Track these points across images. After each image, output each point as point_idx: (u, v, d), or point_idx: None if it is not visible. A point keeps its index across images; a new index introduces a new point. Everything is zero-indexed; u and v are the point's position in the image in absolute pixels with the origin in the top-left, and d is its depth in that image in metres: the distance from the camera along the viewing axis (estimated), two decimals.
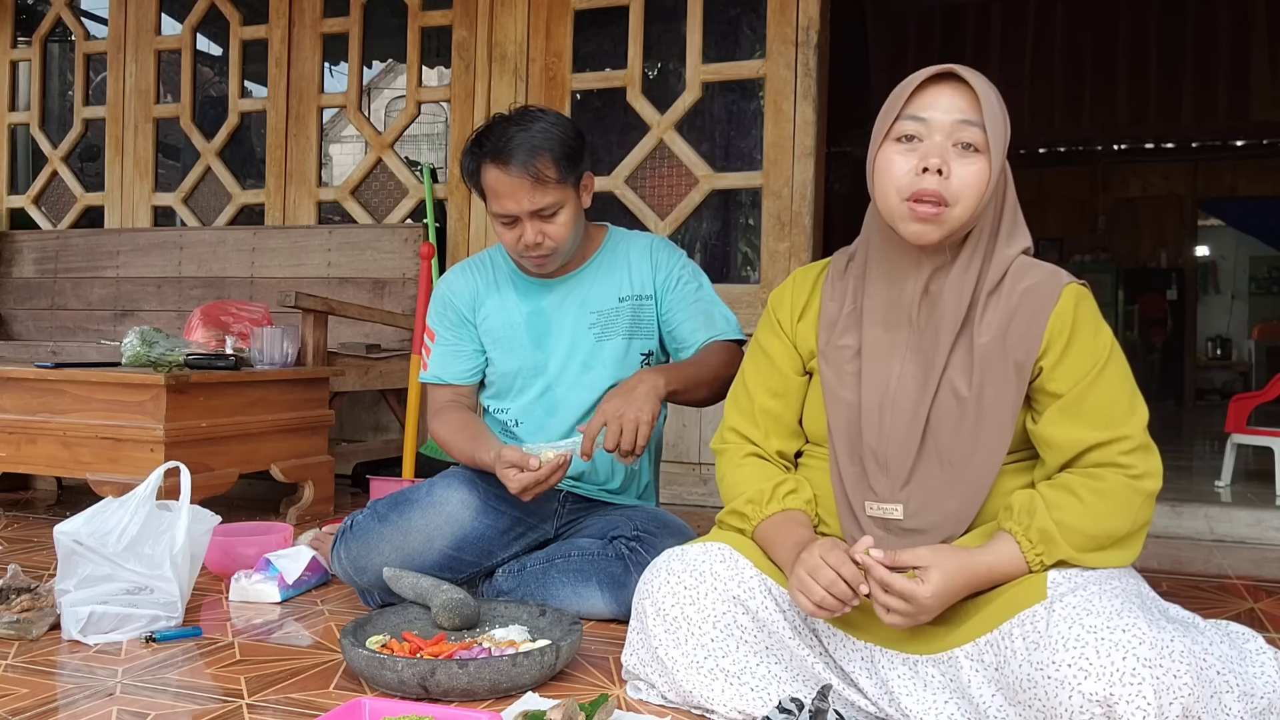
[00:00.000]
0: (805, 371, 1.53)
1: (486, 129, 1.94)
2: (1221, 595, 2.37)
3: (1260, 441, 3.78)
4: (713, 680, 1.41)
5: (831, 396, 1.45)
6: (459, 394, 2.12)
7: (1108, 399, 1.33)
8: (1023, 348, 1.34)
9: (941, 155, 1.31)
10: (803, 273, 1.57)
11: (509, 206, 1.90)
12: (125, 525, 1.84)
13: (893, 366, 1.40)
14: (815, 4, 3.46)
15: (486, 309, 2.09)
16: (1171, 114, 7.70)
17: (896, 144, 1.35)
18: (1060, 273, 1.38)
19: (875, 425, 1.40)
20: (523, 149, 1.87)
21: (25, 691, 1.54)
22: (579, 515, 2.10)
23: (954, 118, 1.31)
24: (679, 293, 2.07)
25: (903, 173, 1.33)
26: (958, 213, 1.32)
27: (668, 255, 2.11)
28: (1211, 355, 10.86)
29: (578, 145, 1.95)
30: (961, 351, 1.37)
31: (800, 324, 1.53)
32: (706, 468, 3.51)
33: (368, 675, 1.54)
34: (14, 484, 3.41)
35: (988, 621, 1.29)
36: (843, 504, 1.44)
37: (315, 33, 4.24)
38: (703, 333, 2.05)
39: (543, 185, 1.88)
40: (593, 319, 2.05)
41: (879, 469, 1.40)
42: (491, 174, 1.90)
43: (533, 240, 1.92)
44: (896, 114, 1.35)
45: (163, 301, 4.25)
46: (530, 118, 1.93)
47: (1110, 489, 1.31)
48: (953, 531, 1.38)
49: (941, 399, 1.37)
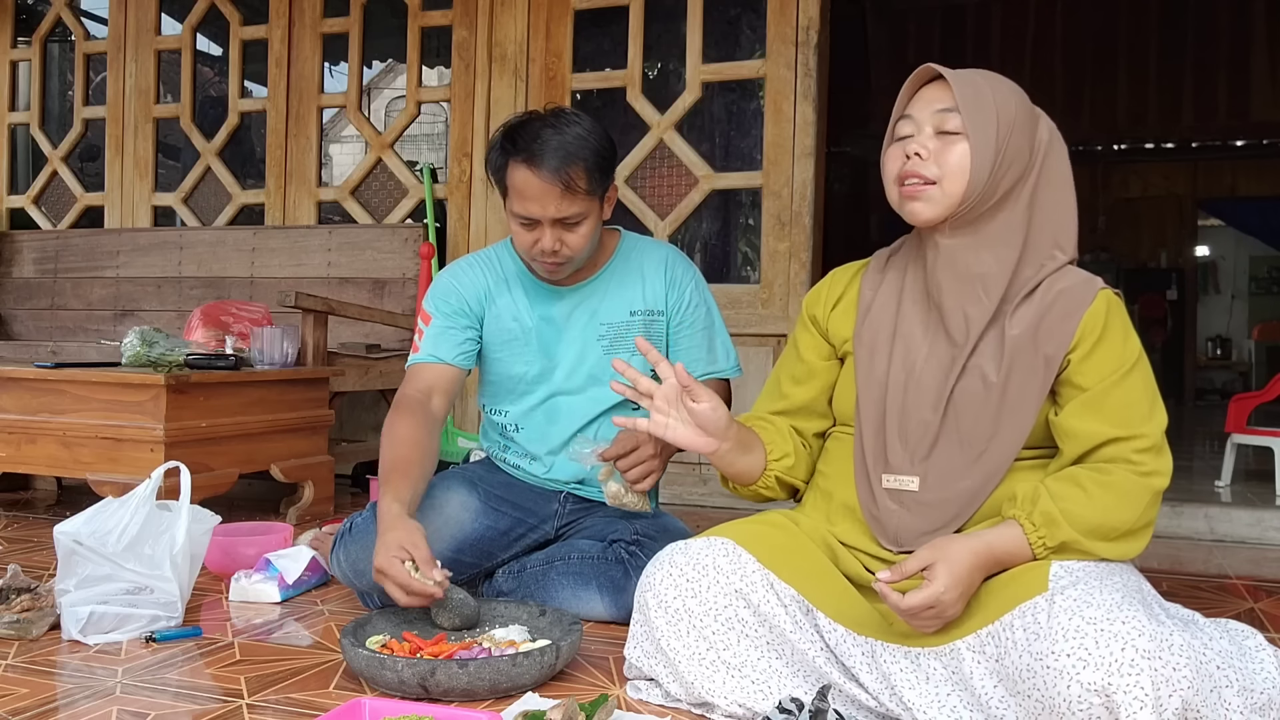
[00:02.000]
0: (838, 358, 1.61)
1: (519, 125, 1.87)
2: (1221, 595, 2.38)
3: (1260, 441, 3.78)
4: (714, 673, 1.42)
5: (864, 374, 1.52)
6: (443, 377, 1.97)
7: (1130, 399, 1.37)
8: (1054, 342, 1.39)
9: (921, 142, 1.41)
10: (841, 271, 1.67)
11: (533, 210, 1.84)
12: (125, 525, 1.84)
13: (921, 348, 1.47)
14: (815, 4, 3.46)
15: (498, 307, 2.04)
16: (1171, 114, 7.71)
17: (895, 144, 1.46)
18: (1095, 279, 1.44)
19: (899, 400, 1.46)
20: (557, 154, 1.81)
21: (25, 691, 1.54)
22: (579, 516, 2.10)
23: (933, 108, 1.41)
24: (688, 316, 2.06)
25: (895, 165, 1.45)
26: (947, 188, 1.40)
27: (683, 272, 2.07)
28: (1211, 355, 10.86)
29: (611, 156, 1.91)
30: (993, 340, 1.42)
31: (835, 311, 1.61)
32: (706, 468, 3.51)
33: (368, 675, 1.54)
34: (14, 484, 3.40)
35: (989, 613, 1.30)
36: (861, 475, 1.50)
37: (315, 33, 4.24)
38: (702, 366, 2.05)
39: (572, 195, 1.83)
40: (602, 330, 2.03)
41: (899, 442, 1.45)
42: (521, 174, 1.84)
43: (550, 247, 1.87)
44: (896, 118, 1.45)
45: (163, 301, 4.25)
46: (566, 120, 1.86)
47: (1117, 482, 1.33)
48: (963, 509, 1.42)
49: (968, 381, 1.42)
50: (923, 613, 1.29)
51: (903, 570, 1.32)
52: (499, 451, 2.15)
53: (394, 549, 1.62)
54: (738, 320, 3.50)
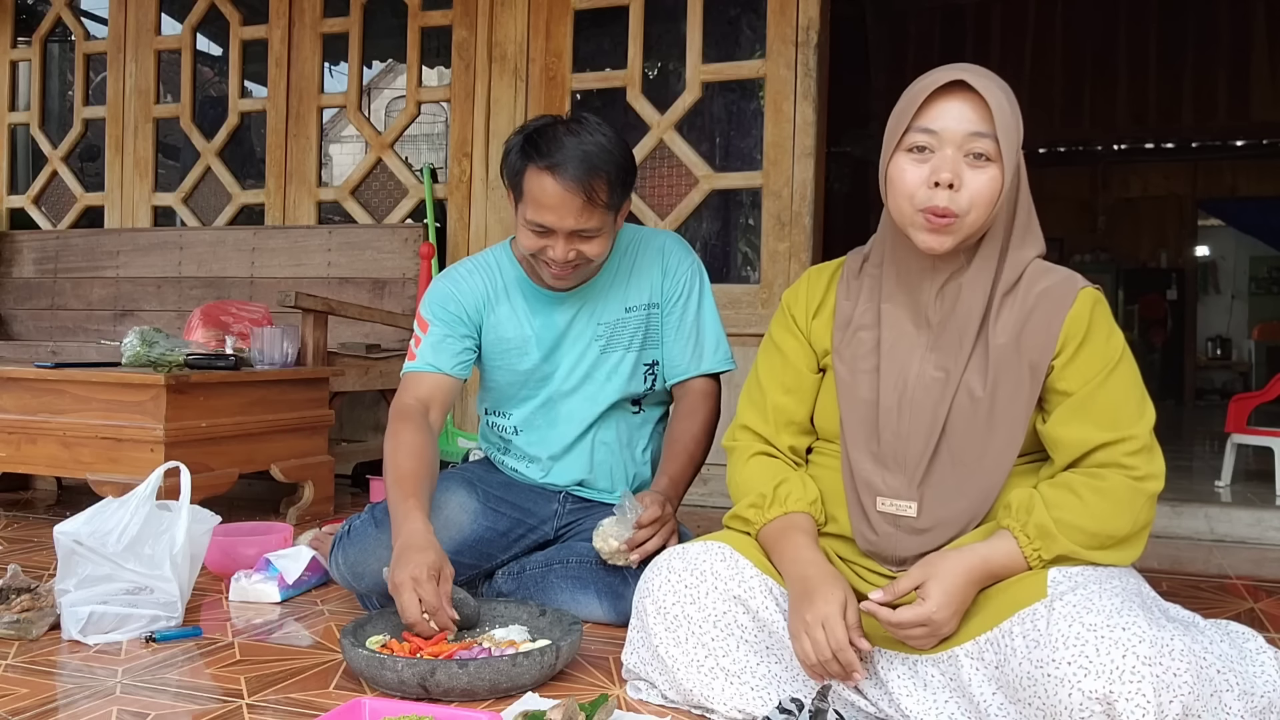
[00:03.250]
0: (819, 369, 1.54)
1: (540, 130, 1.81)
2: (1221, 595, 2.37)
3: (1260, 441, 3.78)
4: (713, 679, 1.42)
5: (846, 394, 1.46)
6: (440, 388, 1.95)
7: (1116, 400, 1.34)
8: (1038, 349, 1.35)
9: (953, 169, 1.31)
10: (816, 271, 1.58)
11: (549, 219, 1.79)
12: (125, 525, 1.83)
13: (911, 366, 1.42)
14: (815, 4, 3.46)
15: (497, 315, 2.01)
16: (1171, 114, 7.70)
17: (908, 154, 1.35)
18: (1076, 277, 1.40)
19: (893, 424, 1.41)
20: (581, 165, 1.76)
21: (25, 691, 1.54)
22: (579, 517, 2.10)
23: (965, 129, 1.31)
24: (679, 309, 2.03)
25: (915, 184, 1.34)
26: (970, 220, 1.33)
27: (678, 261, 2.04)
28: (1211, 355, 10.87)
29: (632, 169, 1.87)
30: (978, 353, 1.38)
31: (815, 321, 1.54)
32: (706, 468, 3.50)
33: (368, 675, 1.54)
34: (14, 484, 3.40)
35: (988, 620, 1.29)
36: (853, 500, 1.45)
37: (315, 33, 4.23)
38: (691, 365, 2.03)
39: (592, 207, 1.78)
40: (599, 330, 2.01)
41: (894, 467, 1.41)
42: (540, 181, 1.78)
43: (563, 258, 1.83)
44: (907, 125, 1.35)
45: (163, 301, 4.25)
46: (589, 129, 1.80)
47: (1111, 488, 1.31)
48: (961, 529, 1.39)
49: (958, 399, 1.39)
50: (914, 629, 1.28)
51: (895, 590, 1.31)
52: (498, 454, 2.15)
53: (426, 568, 1.60)
54: (738, 320, 3.50)
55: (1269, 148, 8.80)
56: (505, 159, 1.87)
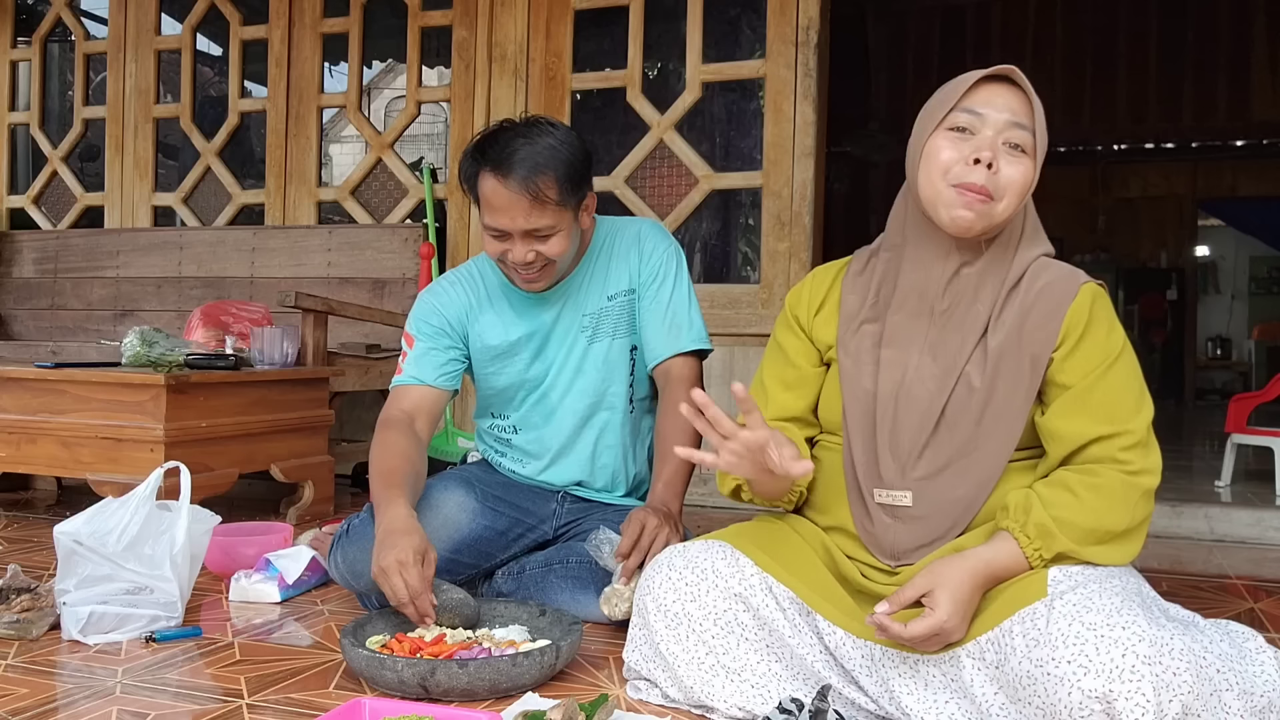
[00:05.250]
0: (823, 363, 1.56)
1: (491, 135, 1.86)
2: (1221, 595, 2.37)
3: (1260, 441, 3.78)
4: (714, 677, 1.42)
5: (849, 384, 1.48)
6: (426, 400, 1.99)
7: (1114, 394, 1.35)
8: (1039, 342, 1.37)
9: (993, 149, 1.34)
10: (821, 270, 1.61)
11: (501, 221, 1.83)
12: (125, 525, 1.84)
13: (910, 357, 1.43)
14: (815, 4, 3.46)
15: (481, 325, 2.03)
16: (1171, 114, 7.71)
17: (948, 133, 1.38)
18: (1078, 272, 1.42)
19: (890, 414, 1.43)
20: (525, 164, 1.79)
21: (25, 691, 1.54)
22: (579, 516, 2.10)
23: (1007, 117, 1.35)
24: (654, 290, 2.02)
25: (952, 160, 1.36)
26: (1001, 208, 1.36)
27: (653, 245, 2.04)
28: (1211, 355, 10.87)
29: (584, 167, 1.88)
30: (980, 346, 1.40)
31: (818, 317, 1.55)
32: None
33: (368, 675, 1.54)
34: (14, 484, 3.40)
35: (989, 619, 1.30)
36: (853, 491, 1.47)
37: (315, 33, 4.23)
38: (668, 346, 2.02)
39: (541, 206, 1.80)
40: (585, 321, 2.03)
41: (890, 457, 1.42)
42: (489, 184, 1.82)
43: (523, 259, 1.85)
44: (951, 106, 1.37)
45: (163, 301, 4.25)
46: (538, 131, 1.84)
47: (1106, 484, 1.32)
48: (958, 520, 1.40)
49: (957, 391, 1.40)
50: (927, 642, 1.28)
51: (900, 600, 1.30)
52: (495, 457, 2.16)
53: (411, 552, 1.62)
54: (738, 320, 3.50)
55: (1269, 148, 8.79)
56: (460, 166, 1.91)
